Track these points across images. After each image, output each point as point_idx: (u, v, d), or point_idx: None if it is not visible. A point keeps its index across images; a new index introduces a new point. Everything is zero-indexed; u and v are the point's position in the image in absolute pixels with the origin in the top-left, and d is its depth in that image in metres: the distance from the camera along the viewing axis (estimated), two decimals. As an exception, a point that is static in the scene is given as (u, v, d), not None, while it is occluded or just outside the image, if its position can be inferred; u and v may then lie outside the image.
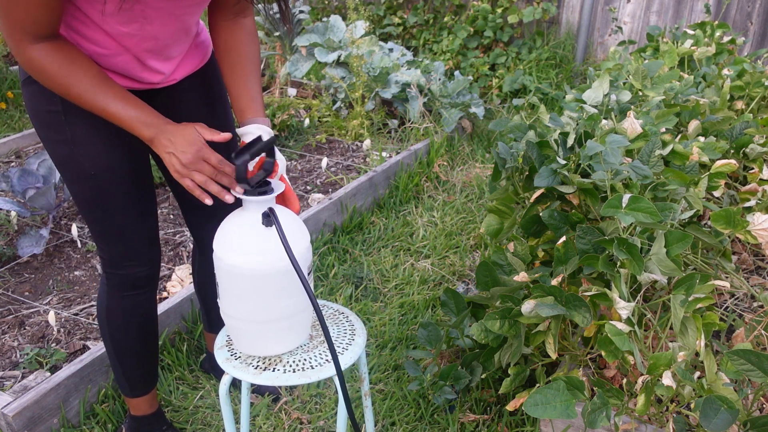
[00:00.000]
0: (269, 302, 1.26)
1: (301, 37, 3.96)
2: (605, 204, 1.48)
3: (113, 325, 1.61)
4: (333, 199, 2.83)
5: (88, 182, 1.42)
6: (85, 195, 1.45)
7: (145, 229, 1.54)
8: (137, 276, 1.56)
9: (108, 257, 1.54)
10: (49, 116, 1.36)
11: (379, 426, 1.87)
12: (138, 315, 1.62)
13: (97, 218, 1.48)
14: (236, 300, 1.28)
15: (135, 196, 1.49)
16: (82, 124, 1.37)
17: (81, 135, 1.38)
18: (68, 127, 1.37)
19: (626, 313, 1.40)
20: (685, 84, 2.38)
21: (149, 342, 1.68)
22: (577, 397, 1.34)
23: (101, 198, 1.44)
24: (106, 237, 1.51)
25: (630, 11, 4.65)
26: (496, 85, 4.66)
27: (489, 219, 1.97)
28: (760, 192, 1.97)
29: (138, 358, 1.67)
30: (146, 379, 1.72)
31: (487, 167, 3.58)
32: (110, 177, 1.42)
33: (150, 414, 1.76)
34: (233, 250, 1.23)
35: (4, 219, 2.62)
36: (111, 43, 1.29)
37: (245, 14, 1.46)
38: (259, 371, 1.27)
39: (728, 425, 1.16)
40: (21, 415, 1.67)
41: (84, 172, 1.41)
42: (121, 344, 1.63)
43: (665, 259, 1.46)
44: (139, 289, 1.59)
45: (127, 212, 1.48)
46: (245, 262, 1.22)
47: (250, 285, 1.24)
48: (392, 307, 2.39)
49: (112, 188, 1.44)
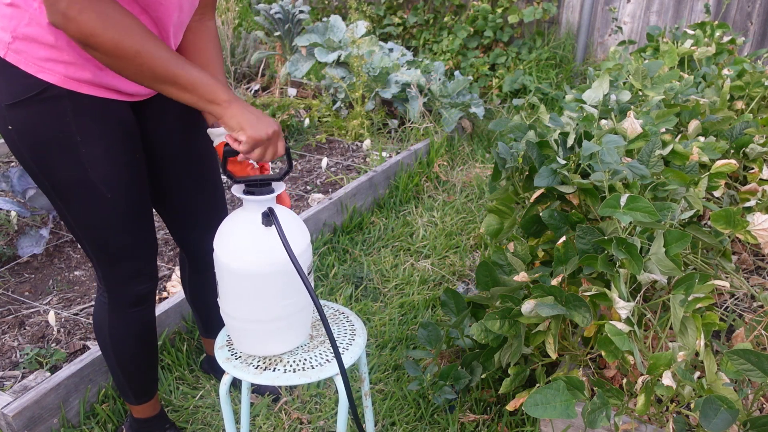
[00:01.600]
0: (269, 302, 1.26)
1: (301, 37, 3.96)
2: (603, 204, 1.48)
3: (117, 341, 1.58)
4: (333, 199, 2.83)
5: (97, 204, 1.36)
6: (94, 219, 1.39)
7: (151, 246, 1.52)
8: (144, 292, 1.54)
9: (113, 277, 1.49)
10: (59, 137, 1.28)
11: (379, 426, 1.87)
12: (141, 329, 1.60)
13: (105, 241, 1.42)
14: (237, 300, 1.28)
15: (143, 213, 1.46)
16: (98, 146, 1.32)
17: (97, 156, 1.32)
18: (85, 148, 1.30)
19: (626, 313, 1.40)
20: (685, 84, 2.38)
21: (151, 352, 1.67)
22: (577, 397, 1.34)
23: (112, 220, 1.40)
24: (113, 258, 1.46)
25: (630, 11, 4.65)
26: (496, 85, 4.66)
27: (489, 219, 1.97)
28: (760, 192, 1.97)
29: (141, 369, 1.66)
30: (149, 387, 1.71)
31: (487, 167, 3.58)
32: (124, 197, 1.39)
33: (152, 416, 1.76)
34: (234, 251, 1.23)
35: (4, 219, 2.62)
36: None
37: (209, 17, 1.46)
38: (259, 371, 1.27)
39: (728, 425, 1.16)
40: (21, 415, 1.67)
41: (98, 194, 1.35)
42: (125, 359, 1.61)
43: (664, 259, 1.46)
44: (144, 304, 1.57)
45: (137, 230, 1.46)
46: (246, 263, 1.22)
47: (251, 285, 1.24)
48: (392, 307, 2.39)
49: (125, 208, 1.40)
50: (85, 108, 1.29)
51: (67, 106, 1.27)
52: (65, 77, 1.25)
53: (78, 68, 1.25)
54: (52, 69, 1.24)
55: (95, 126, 1.31)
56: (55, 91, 1.25)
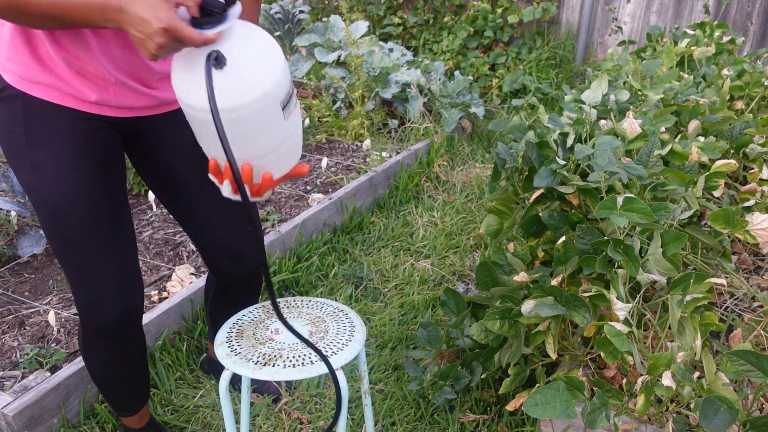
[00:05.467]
0: (244, 145, 1.12)
1: (301, 37, 3.96)
2: (599, 205, 1.48)
3: (89, 362, 1.49)
4: (333, 199, 2.83)
5: (48, 212, 1.28)
6: (46, 226, 1.30)
7: (118, 273, 1.33)
8: (107, 325, 1.36)
9: (76, 298, 1.35)
10: (12, 138, 1.26)
11: (379, 426, 1.88)
12: (115, 359, 1.47)
13: (60, 254, 1.31)
14: (211, 146, 1.14)
15: (103, 231, 1.31)
16: (44, 147, 1.25)
17: (41, 158, 1.25)
18: (29, 149, 1.25)
19: (624, 314, 1.40)
20: (684, 84, 2.38)
21: (131, 377, 1.56)
22: (577, 398, 1.34)
23: (65, 232, 1.28)
24: (71, 277, 1.33)
25: (630, 11, 4.65)
26: (496, 85, 4.66)
27: (488, 219, 1.98)
28: (760, 192, 1.97)
29: (114, 390, 1.57)
30: (129, 404, 1.63)
31: (487, 167, 3.58)
32: (72, 208, 1.27)
33: (138, 428, 1.70)
34: (189, 94, 1.07)
35: (4, 219, 2.62)
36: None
37: None
38: (259, 366, 1.27)
39: (728, 425, 1.16)
40: (21, 415, 1.67)
41: (43, 201, 1.27)
42: (99, 380, 1.53)
43: (662, 260, 1.47)
44: (112, 338, 1.40)
45: (93, 250, 1.30)
46: (204, 106, 1.04)
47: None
48: (392, 307, 2.39)
49: (75, 221, 1.28)
50: (35, 110, 1.25)
51: (19, 106, 1.24)
52: (19, 77, 1.23)
53: (32, 69, 1.22)
54: (10, 69, 1.23)
55: (44, 129, 1.26)
56: (11, 91, 1.24)
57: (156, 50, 1.02)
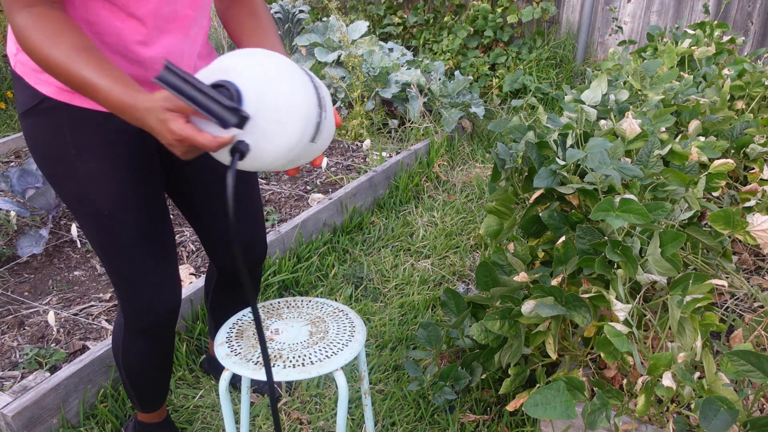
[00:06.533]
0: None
1: (301, 37, 3.96)
2: (595, 207, 1.48)
3: (128, 362, 1.54)
4: (333, 199, 2.83)
5: (100, 222, 1.31)
6: (98, 236, 1.33)
7: (165, 274, 1.41)
8: (156, 322, 1.45)
9: (125, 302, 1.42)
10: (57, 150, 1.26)
11: (379, 426, 1.87)
12: (153, 356, 1.55)
13: (111, 262, 1.36)
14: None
15: (152, 237, 1.37)
16: (95, 158, 1.27)
17: (95, 169, 1.27)
18: (80, 162, 1.26)
19: (623, 315, 1.40)
20: (685, 84, 2.38)
21: (163, 373, 1.63)
22: (578, 398, 1.34)
23: (116, 240, 1.33)
24: (122, 283, 1.39)
25: (630, 11, 4.65)
26: (496, 85, 4.66)
27: (488, 220, 1.97)
28: (760, 192, 1.97)
29: (149, 387, 1.63)
30: (157, 400, 1.69)
31: (487, 167, 3.58)
32: (124, 216, 1.31)
33: (157, 423, 1.74)
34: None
35: (3, 219, 2.61)
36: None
37: None
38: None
39: (728, 426, 1.16)
40: (21, 415, 1.67)
41: (97, 211, 1.30)
42: (134, 377, 1.58)
43: (660, 260, 1.46)
44: (158, 334, 1.49)
45: (146, 255, 1.36)
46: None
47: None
48: (392, 307, 2.39)
49: (127, 229, 1.32)
50: (81, 121, 1.25)
51: (63, 118, 1.24)
52: (59, 89, 1.22)
53: None
54: (47, 80, 1.22)
55: (91, 139, 1.26)
56: (51, 103, 1.23)
57: (182, 157, 1.04)
